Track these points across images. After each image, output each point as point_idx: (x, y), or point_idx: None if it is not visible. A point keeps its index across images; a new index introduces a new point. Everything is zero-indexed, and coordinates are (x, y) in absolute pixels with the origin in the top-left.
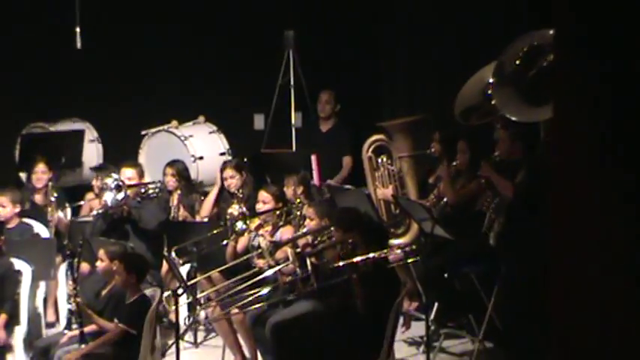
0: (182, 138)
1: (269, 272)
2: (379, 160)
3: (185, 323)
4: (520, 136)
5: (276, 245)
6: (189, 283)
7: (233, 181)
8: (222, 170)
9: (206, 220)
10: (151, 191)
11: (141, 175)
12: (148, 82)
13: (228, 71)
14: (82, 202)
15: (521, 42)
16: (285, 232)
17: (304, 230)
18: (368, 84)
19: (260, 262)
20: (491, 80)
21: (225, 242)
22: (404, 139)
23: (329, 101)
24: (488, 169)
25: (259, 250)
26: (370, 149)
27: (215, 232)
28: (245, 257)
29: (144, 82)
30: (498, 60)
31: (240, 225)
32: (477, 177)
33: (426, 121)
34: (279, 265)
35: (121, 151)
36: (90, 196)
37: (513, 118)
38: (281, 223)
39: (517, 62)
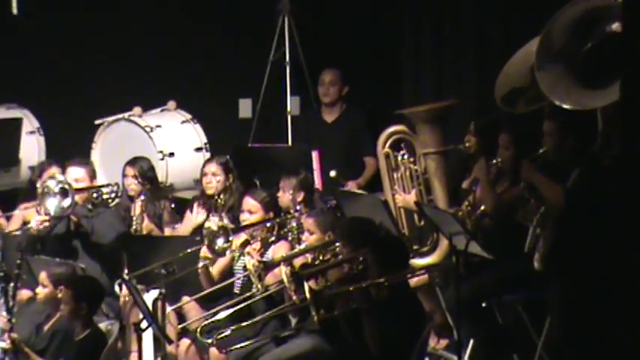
0: (147, 129)
1: (258, 300)
2: (399, 158)
3: None
4: (573, 127)
5: (267, 266)
6: (155, 315)
7: (214, 180)
8: (203, 166)
9: (178, 234)
10: (106, 197)
11: (93, 175)
12: (103, 59)
13: (205, 45)
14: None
15: (575, 6)
16: (278, 250)
17: (302, 247)
18: (385, 61)
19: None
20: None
21: (201, 263)
22: (430, 130)
23: (334, 82)
24: (532, 169)
25: (245, 273)
26: (387, 144)
27: (189, 250)
28: (227, 282)
29: (98, 59)
30: (545, 30)
31: (220, 242)
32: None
33: (458, 107)
34: (270, 291)
35: (69, 145)
36: (27, 204)
37: (565, 106)
38: (273, 239)
39: (569, 33)
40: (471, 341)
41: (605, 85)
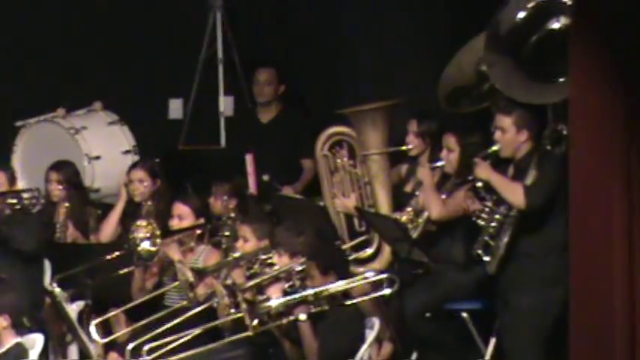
0: (71, 131)
1: (189, 312)
2: (338, 160)
3: None
4: (528, 122)
5: (200, 273)
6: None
7: (140, 186)
8: (128, 172)
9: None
10: (27, 202)
11: (12, 180)
12: (24, 57)
13: (133, 42)
14: None
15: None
16: (210, 258)
17: (236, 255)
18: (324, 58)
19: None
20: (483, 54)
21: (126, 270)
22: (372, 131)
23: (269, 81)
24: (487, 168)
25: (176, 283)
26: (327, 145)
27: (115, 256)
28: (157, 292)
29: (18, 57)
30: (492, 23)
31: (147, 245)
32: (470, 182)
33: (400, 107)
34: (201, 303)
35: None
36: None
37: (521, 101)
38: (204, 247)
39: (516, 22)
40: (414, 353)
41: (553, 79)
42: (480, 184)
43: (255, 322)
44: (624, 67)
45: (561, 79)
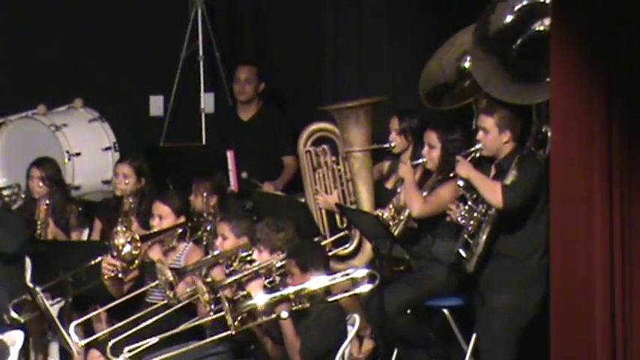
0: (52, 128)
1: (170, 309)
2: (321, 157)
3: None
4: (510, 123)
5: (178, 272)
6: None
7: (124, 181)
8: (116, 165)
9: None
10: (7, 199)
11: None
12: (3, 54)
13: (114, 38)
14: None
15: None
16: (191, 256)
17: (215, 253)
18: (306, 54)
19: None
20: (469, 48)
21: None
22: (354, 128)
23: (249, 80)
24: (468, 166)
25: (156, 282)
26: (309, 142)
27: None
28: (138, 292)
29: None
30: (479, 21)
31: (127, 248)
32: (451, 179)
33: (383, 104)
34: (182, 302)
35: None
36: None
37: (504, 100)
38: (186, 245)
39: (504, 24)
40: (395, 350)
41: (537, 79)
42: (460, 182)
43: (237, 320)
44: (605, 64)
45: (546, 80)
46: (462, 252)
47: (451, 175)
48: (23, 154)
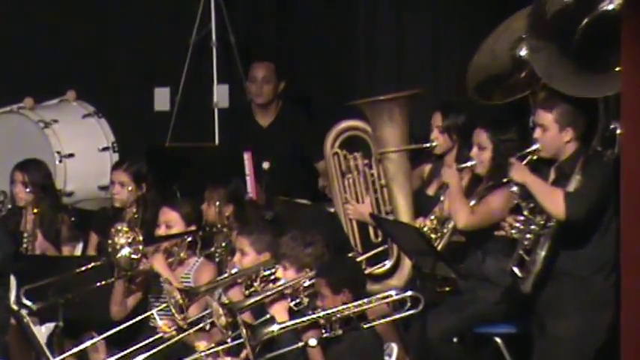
0: (41, 124)
1: (179, 336)
2: (351, 160)
3: None
4: (573, 119)
5: (189, 294)
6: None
7: (123, 191)
8: (111, 172)
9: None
10: None
11: None
12: None
13: (112, 21)
14: None
15: None
16: (203, 273)
17: (234, 271)
18: (334, 41)
19: (163, 323)
20: (524, 35)
21: (104, 282)
22: (389, 126)
23: (268, 79)
24: (524, 170)
25: (163, 306)
26: (337, 143)
27: (90, 268)
28: (142, 317)
29: None
30: (535, 1)
31: (126, 252)
32: (503, 186)
33: (422, 97)
34: (194, 327)
35: None
36: None
37: (567, 93)
38: (197, 259)
39: (565, 3)
40: None
41: (605, 69)
42: (514, 188)
43: (257, 348)
44: None
45: (615, 69)
46: (517, 270)
47: (504, 180)
48: (7, 156)
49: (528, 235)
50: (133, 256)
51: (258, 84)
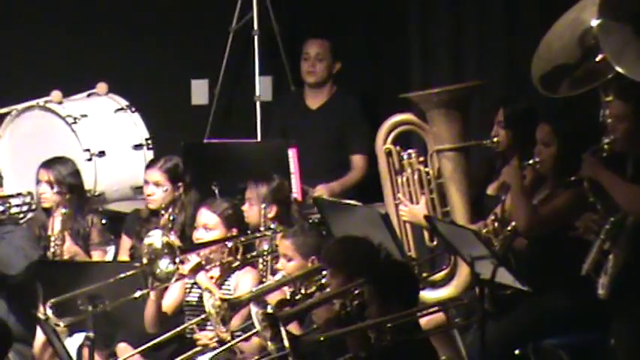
0: (69, 120)
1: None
2: (404, 157)
3: None
4: None
5: (232, 304)
6: None
7: (158, 192)
8: (145, 172)
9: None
10: (15, 210)
11: None
12: (11, 28)
13: (146, 9)
14: None
15: None
16: (244, 280)
17: (278, 277)
18: (387, 31)
19: (203, 335)
20: (594, 22)
21: (138, 294)
22: (446, 121)
23: (322, 57)
24: (597, 165)
25: (204, 316)
26: (390, 138)
27: (124, 277)
28: (182, 327)
29: (4, 28)
30: None
31: (165, 265)
32: (572, 185)
33: (482, 90)
34: (237, 340)
35: None
36: None
37: (634, 78)
38: (237, 264)
39: None
40: None
41: None
42: (586, 185)
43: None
44: None
45: None
46: (592, 274)
47: (572, 178)
48: (34, 154)
49: (603, 235)
50: (171, 267)
51: (310, 61)
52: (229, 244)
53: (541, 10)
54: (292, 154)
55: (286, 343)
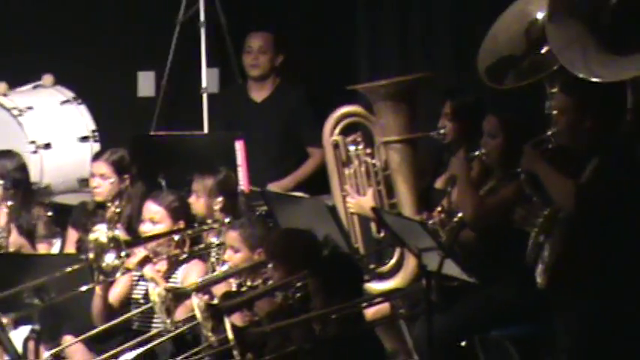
0: (14, 112)
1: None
2: (351, 148)
3: None
4: (594, 105)
5: (178, 296)
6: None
7: (104, 184)
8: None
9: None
10: None
11: None
12: None
13: (93, 1)
14: None
15: None
16: (191, 272)
17: (224, 269)
18: (333, 21)
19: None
20: (540, 14)
21: (85, 288)
22: (394, 112)
23: (265, 49)
24: (536, 158)
25: (149, 305)
26: (337, 130)
27: (70, 271)
28: (126, 317)
29: None
30: None
31: (110, 259)
32: (517, 176)
33: (430, 82)
34: (180, 329)
35: None
36: None
37: (581, 76)
38: (184, 257)
39: None
40: None
41: (632, 51)
42: (523, 177)
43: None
44: None
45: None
46: (533, 264)
47: (518, 170)
48: None
49: (536, 229)
50: (116, 261)
51: (254, 54)
52: (176, 237)
53: (488, 1)
54: (239, 146)
55: (230, 334)
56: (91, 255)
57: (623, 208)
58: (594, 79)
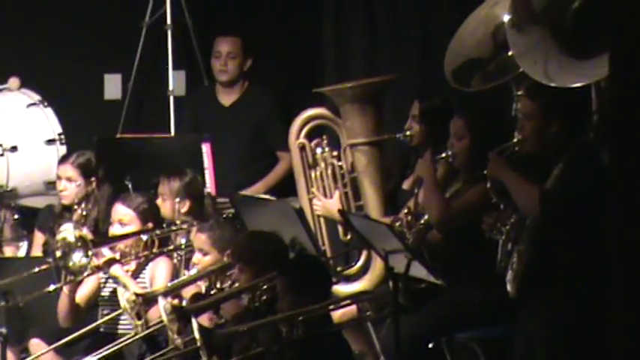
0: None
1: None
2: (318, 151)
3: None
4: (560, 110)
5: (146, 299)
6: None
7: (70, 186)
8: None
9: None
10: None
11: None
12: None
13: (59, 3)
14: None
15: None
16: (160, 270)
17: (193, 272)
18: (300, 25)
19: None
20: (506, 18)
21: (52, 287)
22: (360, 115)
23: (233, 54)
24: (501, 165)
25: (119, 312)
26: (303, 133)
27: (37, 272)
28: (94, 326)
29: None
30: None
31: (78, 258)
32: (483, 178)
33: (396, 85)
34: (147, 331)
35: None
36: None
37: (545, 81)
38: (152, 258)
39: None
40: None
41: (593, 55)
42: (490, 184)
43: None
44: None
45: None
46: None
47: (484, 172)
48: None
49: (504, 237)
50: (83, 260)
51: (222, 59)
52: (144, 238)
53: (455, 3)
54: (206, 148)
55: (197, 335)
56: (59, 254)
57: (587, 211)
58: (553, 85)
